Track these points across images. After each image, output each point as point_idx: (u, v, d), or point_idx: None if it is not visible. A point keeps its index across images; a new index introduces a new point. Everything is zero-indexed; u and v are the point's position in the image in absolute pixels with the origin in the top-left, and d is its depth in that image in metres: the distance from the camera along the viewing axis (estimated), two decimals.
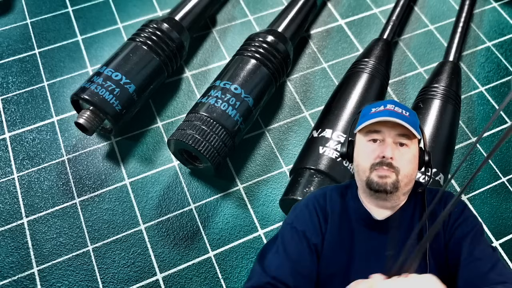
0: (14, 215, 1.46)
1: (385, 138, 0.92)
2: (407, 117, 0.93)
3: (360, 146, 0.96)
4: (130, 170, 1.56)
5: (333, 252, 0.94)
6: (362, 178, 0.94)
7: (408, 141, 0.92)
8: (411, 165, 0.93)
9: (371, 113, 0.95)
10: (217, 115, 1.42)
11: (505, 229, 1.48)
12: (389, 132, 0.92)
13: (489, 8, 2.01)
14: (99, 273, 1.38)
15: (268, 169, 1.58)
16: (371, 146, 0.93)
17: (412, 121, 0.93)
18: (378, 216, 0.95)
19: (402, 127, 0.91)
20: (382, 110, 0.94)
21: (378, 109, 0.95)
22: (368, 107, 0.99)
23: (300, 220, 0.97)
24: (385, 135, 0.92)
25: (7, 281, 1.35)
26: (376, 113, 0.94)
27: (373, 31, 1.93)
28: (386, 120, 0.91)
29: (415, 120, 0.96)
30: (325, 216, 0.97)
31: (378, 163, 0.90)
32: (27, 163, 1.56)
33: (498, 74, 1.82)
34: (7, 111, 1.68)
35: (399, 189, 0.91)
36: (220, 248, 1.43)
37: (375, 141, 0.93)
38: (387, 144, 0.91)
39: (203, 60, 1.84)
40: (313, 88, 1.78)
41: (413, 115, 0.96)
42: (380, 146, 0.92)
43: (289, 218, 1.00)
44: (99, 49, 1.85)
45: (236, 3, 2.01)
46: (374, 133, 0.93)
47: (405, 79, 1.81)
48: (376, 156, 0.91)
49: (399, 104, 0.96)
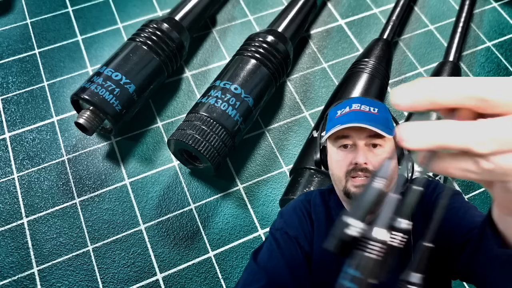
0: (14, 215, 1.46)
1: (356, 142, 0.85)
2: (376, 115, 0.85)
3: (332, 154, 0.90)
4: (130, 170, 1.56)
5: (322, 261, 0.89)
6: (339, 188, 0.88)
7: (381, 141, 0.85)
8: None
9: (337, 116, 0.88)
10: (217, 115, 1.42)
11: None
12: (358, 136, 0.85)
13: (489, 8, 2.01)
14: (99, 273, 1.38)
15: (268, 169, 1.58)
16: (342, 153, 0.86)
17: (382, 118, 0.85)
18: None
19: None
20: (347, 112, 0.87)
21: (344, 111, 0.87)
22: (334, 110, 0.92)
23: (290, 225, 0.91)
24: (355, 139, 0.85)
25: (7, 281, 1.35)
26: (342, 116, 0.87)
27: (373, 31, 1.93)
28: (350, 126, 0.83)
29: (386, 115, 0.88)
30: (312, 223, 0.92)
31: (351, 169, 0.84)
32: (27, 163, 1.56)
33: (498, 74, 1.82)
34: (7, 111, 1.68)
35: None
36: (220, 248, 1.43)
37: (345, 146, 0.86)
38: (359, 149, 0.84)
39: (203, 60, 1.84)
40: (313, 88, 1.78)
41: (382, 110, 0.88)
42: (351, 152, 0.85)
43: (277, 223, 0.93)
44: (99, 49, 1.85)
45: (236, 3, 2.01)
46: (343, 139, 0.86)
47: (405, 79, 1.81)
48: (349, 163, 0.84)
49: (365, 101, 0.88)
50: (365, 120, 0.83)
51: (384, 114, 0.88)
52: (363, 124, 0.82)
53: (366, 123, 0.83)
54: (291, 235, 0.89)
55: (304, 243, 0.89)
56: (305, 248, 0.88)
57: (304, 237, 0.90)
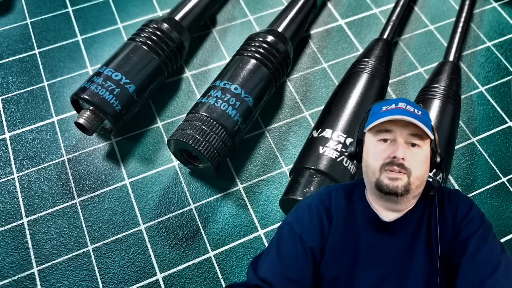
0: (14, 215, 1.46)
1: (397, 138, 0.88)
2: (420, 116, 0.88)
3: (370, 146, 0.92)
4: (130, 170, 1.56)
5: (337, 255, 0.91)
6: (371, 180, 0.90)
7: (420, 142, 0.88)
8: (423, 166, 0.88)
9: (382, 111, 0.91)
10: (217, 115, 1.42)
11: (505, 229, 1.48)
12: (400, 132, 0.88)
13: (489, 8, 2.01)
14: (99, 273, 1.38)
15: (268, 169, 1.58)
16: (382, 146, 0.89)
17: (424, 120, 0.88)
18: (386, 218, 0.91)
19: (415, 126, 0.87)
20: (393, 108, 0.89)
21: (389, 107, 0.90)
22: (379, 105, 0.95)
23: (299, 221, 0.94)
24: (397, 135, 0.88)
25: (7, 281, 1.35)
26: (387, 111, 0.89)
27: (373, 31, 1.93)
28: (398, 118, 0.86)
29: (427, 119, 0.91)
30: (329, 218, 0.93)
31: (388, 163, 0.86)
32: (27, 163, 1.56)
33: (498, 74, 1.82)
34: (7, 111, 1.68)
35: (410, 192, 0.87)
36: (220, 248, 1.43)
37: (385, 140, 0.89)
38: (399, 144, 0.87)
39: (203, 60, 1.84)
40: (313, 88, 1.78)
41: (425, 114, 0.91)
42: (391, 146, 0.88)
43: (289, 217, 0.97)
44: (99, 49, 1.85)
45: (236, 3, 2.01)
46: (385, 133, 0.89)
47: (405, 79, 1.81)
48: (387, 157, 0.87)
49: (411, 103, 0.91)
50: (411, 118, 0.86)
51: (426, 118, 0.91)
52: (411, 119, 0.85)
53: (412, 119, 0.85)
54: (296, 231, 0.91)
55: (308, 239, 0.90)
56: (309, 243, 0.90)
57: (311, 232, 0.91)
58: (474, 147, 1.64)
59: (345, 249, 0.91)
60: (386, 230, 0.91)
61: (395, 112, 0.88)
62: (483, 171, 1.59)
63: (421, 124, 0.85)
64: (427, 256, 0.89)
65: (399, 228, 0.91)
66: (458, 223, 0.88)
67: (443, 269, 0.87)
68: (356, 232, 0.92)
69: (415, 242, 0.90)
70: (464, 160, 1.61)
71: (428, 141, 0.91)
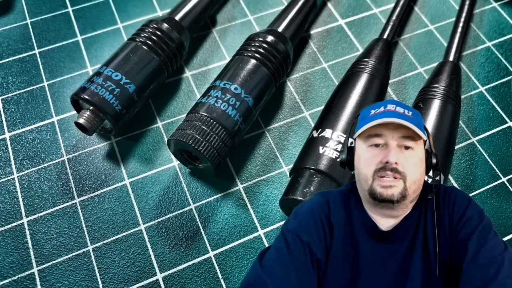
0: (14, 215, 1.46)
1: (388, 142, 0.84)
2: (410, 117, 0.85)
3: (361, 152, 0.88)
4: (130, 170, 1.56)
5: (336, 268, 0.86)
6: (365, 188, 0.86)
7: (413, 144, 0.85)
8: (418, 169, 0.85)
9: (371, 115, 0.88)
10: (217, 115, 1.42)
11: (505, 229, 1.48)
12: (391, 135, 0.84)
13: (489, 8, 2.01)
14: (99, 273, 1.38)
15: (268, 169, 1.58)
16: (373, 152, 0.86)
17: (416, 121, 0.85)
18: (383, 226, 0.88)
19: (406, 128, 0.84)
20: (382, 111, 0.86)
21: (378, 111, 0.87)
22: (367, 109, 0.92)
23: (305, 229, 0.87)
24: (388, 139, 0.84)
25: (7, 281, 1.35)
26: (376, 115, 0.86)
27: (373, 31, 1.93)
28: (387, 122, 0.83)
29: (419, 120, 0.88)
30: (330, 228, 0.89)
31: (381, 168, 0.83)
32: (27, 163, 1.56)
33: (498, 74, 1.82)
34: (7, 111, 1.68)
35: (407, 197, 0.83)
36: (220, 248, 1.43)
37: (377, 145, 0.86)
38: (391, 148, 0.83)
39: (203, 60, 1.84)
40: (313, 88, 1.78)
41: (416, 115, 0.88)
42: (383, 151, 0.84)
43: (291, 224, 0.90)
44: (99, 49, 1.85)
45: (236, 3, 2.01)
46: (376, 137, 0.86)
47: (405, 79, 1.81)
48: (379, 162, 0.83)
49: (400, 104, 0.89)
50: (401, 119, 0.82)
51: (417, 118, 0.87)
52: (401, 121, 0.82)
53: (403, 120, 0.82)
54: (303, 240, 0.85)
55: (316, 249, 0.85)
56: (317, 255, 0.85)
57: (318, 242, 0.86)
58: (474, 147, 1.64)
59: (345, 261, 0.87)
60: (384, 239, 0.88)
61: (384, 115, 0.85)
62: (483, 171, 1.59)
63: (412, 125, 0.82)
64: (425, 265, 0.85)
65: (397, 236, 0.88)
66: (455, 223, 0.85)
67: (444, 276, 0.84)
68: (354, 242, 0.88)
69: (412, 250, 0.86)
70: (464, 160, 1.61)
71: (422, 142, 0.88)
